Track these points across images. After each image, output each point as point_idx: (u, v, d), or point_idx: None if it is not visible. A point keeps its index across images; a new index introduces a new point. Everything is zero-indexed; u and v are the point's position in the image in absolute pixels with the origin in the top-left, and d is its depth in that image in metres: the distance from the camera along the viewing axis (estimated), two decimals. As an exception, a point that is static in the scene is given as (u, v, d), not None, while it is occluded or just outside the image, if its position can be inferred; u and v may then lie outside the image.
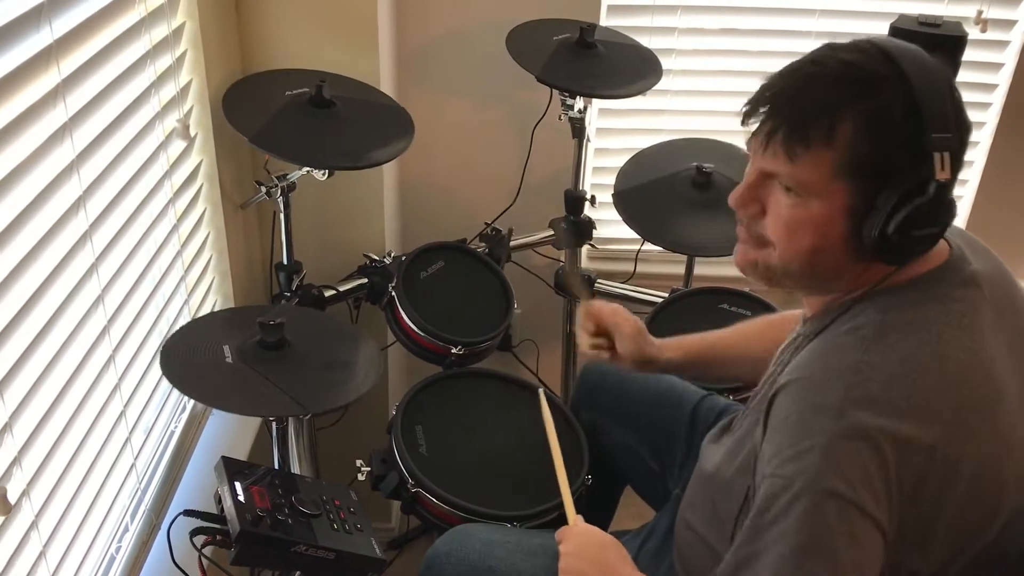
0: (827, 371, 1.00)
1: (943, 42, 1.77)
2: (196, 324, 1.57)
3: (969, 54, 1.81)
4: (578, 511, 1.39)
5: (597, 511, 1.70)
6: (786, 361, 1.09)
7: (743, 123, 1.05)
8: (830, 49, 1.02)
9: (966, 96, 2.17)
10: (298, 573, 1.34)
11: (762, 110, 1.03)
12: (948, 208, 0.99)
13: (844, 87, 0.98)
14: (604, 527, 1.67)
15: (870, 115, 0.97)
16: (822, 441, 0.96)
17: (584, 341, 1.52)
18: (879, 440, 0.95)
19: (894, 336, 1.01)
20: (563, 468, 1.45)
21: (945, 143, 0.97)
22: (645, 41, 2.07)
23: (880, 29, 1.84)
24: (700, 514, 1.25)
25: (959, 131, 0.99)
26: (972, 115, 2.35)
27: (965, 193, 2.34)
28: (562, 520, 1.39)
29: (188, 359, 1.42)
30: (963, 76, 1.82)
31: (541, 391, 1.63)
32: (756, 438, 1.07)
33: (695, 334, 1.51)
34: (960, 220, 2.35)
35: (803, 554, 0.95)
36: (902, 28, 1.79)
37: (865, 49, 1.00)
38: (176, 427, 1.63)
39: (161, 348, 1.44)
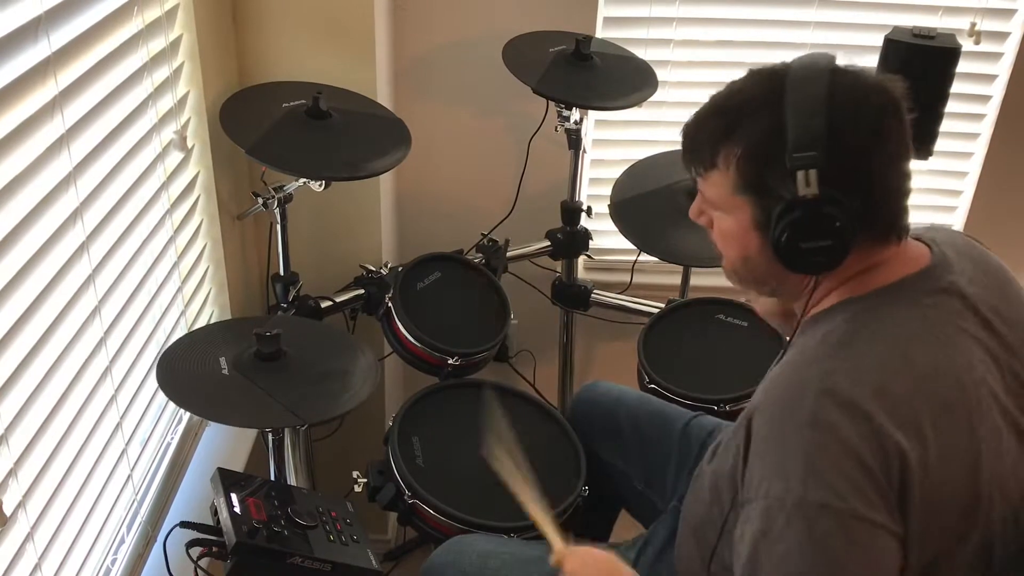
0: (796, 383, 1.02)
1: (937, 54, 1.78)
2: (193, 336, 1.57)
3: (963, 66, 1.82)
4: (575, 525, 1.39)
5: (592, 534, 1.70)
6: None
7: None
8: (743, 77, 1.10)
9: (960, 108, 2.17)
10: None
11: (682, 138, 1.14)
12: (827, 223, 1.01)
13: (721, 117, 1.08)
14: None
15: (741, 141, 1.05)
16: (801, 457, 0.97)
17: None
18: (856, 446, 0.96)
19: (862, 343, 1.03)
20: (527, 490, 1.35)
21: (807, 161, 1.00)
22: (641, 53, 2.08)
23: (875, 41, 1.85)
24: (695, 523, 1.25)
25: (837, 146, 1.00)
26: (966, 126, 2.34)
27: (960, 204, 2.35)
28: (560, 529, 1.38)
29: (185, 371, 1.42)
30: (957, 88, 1.82)
31: (487, 391, 1.56)
32: (738, 453, 1.08)
33: None
34: (955, 229, 2.37)
35: (810, 570, 0.96)
36: (896, 40, 1.80)
37: (766, 73, 1.07)
38: (172, 438, 1.63)
39: (158, 360, 1.44)
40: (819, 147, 1.00)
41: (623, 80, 1.97)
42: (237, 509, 1.21)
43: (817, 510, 0.96)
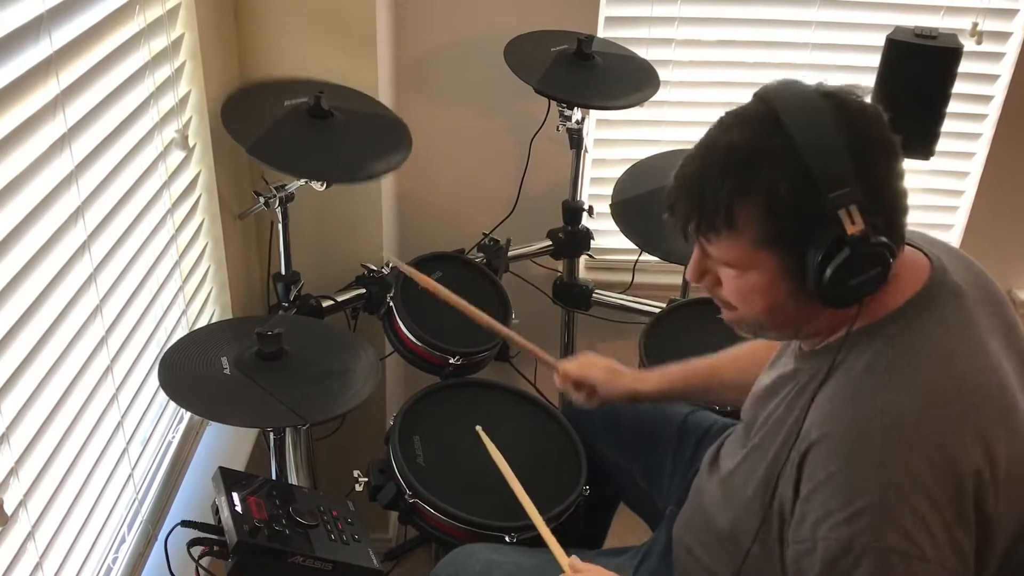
0: (858, 420, 1.00)
1: (939, 54, 1.78)
2: (194, 335, 1.57)
3: (965, 66, 1.82)
4: (576, 524, 1.38)
5: (590, 528, 1.70)
6: (799, 401, 1.09)
7: (669, 215, 1.10)
8: (720, 128, 1.05)
9: (962, 107, 2.16)
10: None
11: (674, 206, 1.08)
12: (876, 252, 0.99)
13: (730, 175, 1.01)
14: (598, 545, 1.68)
15: (762, 194, 0.99)
16: (872, 499, 0.96)
17: (576, 399, 1.56)
18: (927, 482, 0.96)
19: (908, 368, 1.02)
20: (536, 512, 1.38)
21: (845, 199, 0.96)
22: (643, 52, 2.08)
23: (876, 41, 1.85)
24: (701, 541, 1.25)
25: (865, 174, 0.97)
26: (967, 126, 2.33)
27: (962, 204, 2.35)
28: (559, 531, 1.38)
29: (186, 371, 1.42)
30: (959, 88, 1.83)
31: (479, 429, 1.57)
32: (783, 491, 1.06)
33: (679, 362, 1.53)
34: (957, 231, 2.37)
35: None
36: (898, 40, 1.80)
37: (753, 117, 1.02)
38: (173, 437, 1.63)
39: (159, 360, 1.44)
40: (851, 181, 0.96)
41: (625, 80, 1.97)
42: (238, 508, 1.21)
43: (885, 554, 0.95)
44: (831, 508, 0.99)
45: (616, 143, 2.28)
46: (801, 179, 0.97)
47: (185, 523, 1.23)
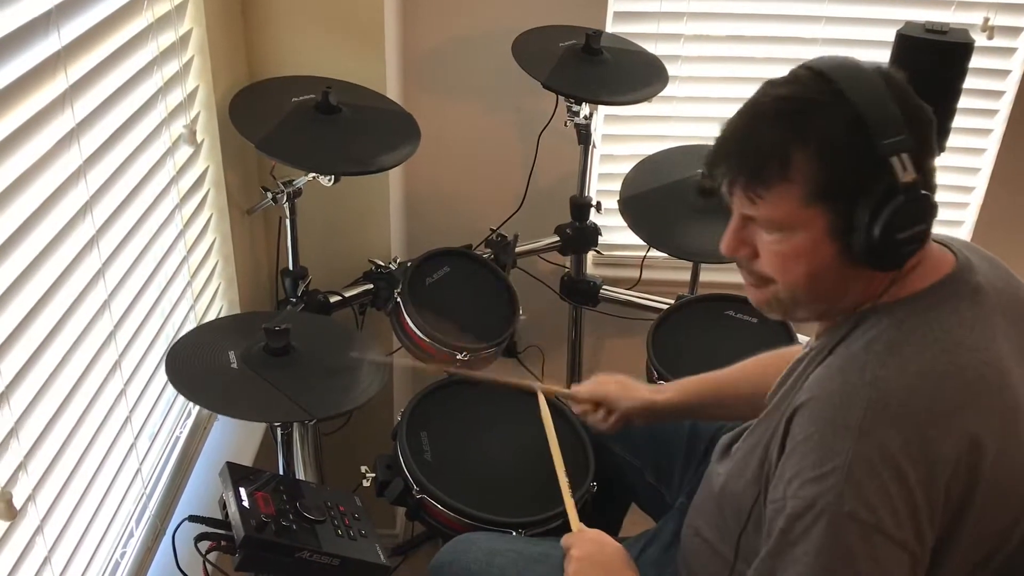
0: (845, 388, 1.00)
1: (950, 49, 1.77)
2: (202, 330, 1.57)
3: (976, 61, 1.80)
4: (583, 520, 1.39)
5: (602, 527, 1.70)
6: (804, 376, 1.09)
7: (708, 177, 1.08)
8: (768, 87, 1.04)
9: (973, 103, 2.16)
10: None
11: (719, 164, 1.05)
12: (925, 204, 0.99)
13: (784, 122, 1.00)
14: None
15: (816, 142, 0.98)
16: (842, 463, 0.96)
17: (599, 423, 1.54)
18: (899, 459, 0.95)
19: (909, 348, 1.01)
20: (564, 473, 1.45)
21: (899, 145, 0.96)
22: (651, 48, 2.07)
23: (886, 36, 1.84)
24: (709, 522, 1.25)
25: (914, 126, 0.98)
26: (978, 122, 2.31)
27: (972, 200, 2.34)
28: (567, 527, 1.39)
29: (193, 364, 1.42)
30: (970, 83, 1.81)
31: (539, 387, 1.63)
32: (772, 453, 1.07)
33: (695, 376, 1.52)
34: (967, 226, 2.35)
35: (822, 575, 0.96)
36: (908, 35, 1.79)
37: (799, 77, 1.02)
38: (181, 432, 1.63)
39: (167, 353, 1.44)
40: (904, 131, 0.96)
41: (633, 75, 1.96)
42: (246, 503, 1.21)
43: (845, 519, 0.95)
44: (803, 466, 0.99)
45: (624, 139, 2.28)
46: (855, 125, 0.97)
47: (193, 518, 1.24)
